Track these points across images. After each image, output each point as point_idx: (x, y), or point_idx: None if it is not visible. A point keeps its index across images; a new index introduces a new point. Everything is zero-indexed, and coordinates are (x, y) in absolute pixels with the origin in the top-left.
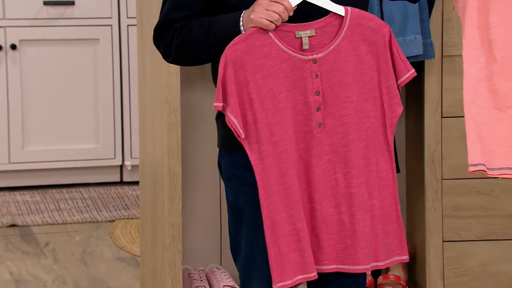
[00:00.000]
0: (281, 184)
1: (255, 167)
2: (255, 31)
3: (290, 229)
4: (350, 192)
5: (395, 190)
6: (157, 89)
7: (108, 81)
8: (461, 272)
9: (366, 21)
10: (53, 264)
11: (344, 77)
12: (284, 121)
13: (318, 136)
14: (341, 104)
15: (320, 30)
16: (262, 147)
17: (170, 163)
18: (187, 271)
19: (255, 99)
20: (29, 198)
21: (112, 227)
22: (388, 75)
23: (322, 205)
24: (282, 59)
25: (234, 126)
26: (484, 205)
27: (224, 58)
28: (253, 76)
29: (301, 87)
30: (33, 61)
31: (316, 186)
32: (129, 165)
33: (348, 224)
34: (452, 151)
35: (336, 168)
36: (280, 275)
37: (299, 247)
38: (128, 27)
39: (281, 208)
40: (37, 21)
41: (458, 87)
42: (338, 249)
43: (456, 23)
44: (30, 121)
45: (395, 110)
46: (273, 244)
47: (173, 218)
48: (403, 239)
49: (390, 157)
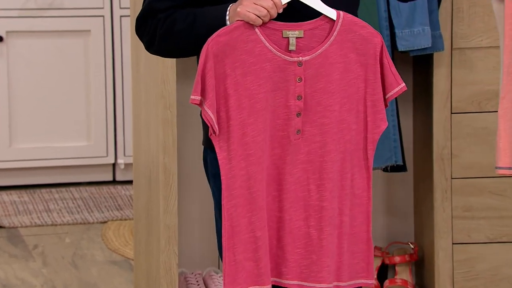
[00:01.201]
0: (246, 188)
1: (222, 167)
2: (241, 25)
3: (248, 236)
4: (322, 205)
5: (368, 210)
6: (152, 83)
7: (100, 75)
8: (472, 276)
9: (358, 28)
10: (42, 267)
11: (328, 84)
12: (259, 123)
13: (295, 143)
14: (323, 112)
15: (309, 32)
16: (232, 147)
17: (166, 161)
18: (183, 275)
19: (231, 95)
20: (17, 198)
21: (104, 228)
22: (375, 88)
23: (291, 216)
24: (266, 58)
25: (211, 121)
26: (496, 205)
27: (205, 50)
28: (232, 71)
29: (283, 89)
30: (21, 53)
31: (287, 195)
32: (122, 163)
33: (316, 239)
34: (462, 148)
35: (310, 179)
36: (232, 282)
37: (255, 256)
38: (121, 18)
39: (243, 213)
40: (25, 12)
41: (468, 81)
42: (303, 265)
43: (466, 14)
44: (18, 117)
45: (378, 125)
46: (229, 249)
47: (169, 219)
48: (370, 262)
49: (368, 175)
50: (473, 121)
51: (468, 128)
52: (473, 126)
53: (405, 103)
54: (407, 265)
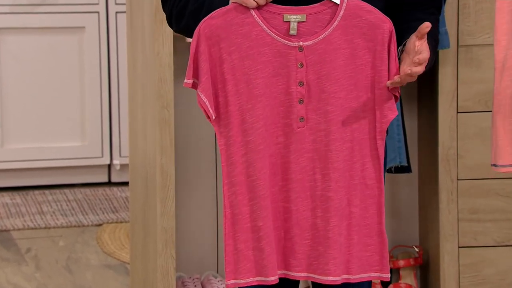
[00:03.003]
0: (246, 175)
1: (222, 153)
2: (235, 7)
3: (251, 225)
4: (327, 195)
5: (381, 201)
6: (149, 82)
7: (95, 73)
8: (479, 280)
9: (364, 13)
10: (35, 272)
11: (332, 70)
12: (257, 109)
13: (299, 131)
14: (327, 99)
15: (313, 17)
16: (231, 133)
17: (163, 162)
18: (181, 279)
19: (229, 80)
20: (9, 200)
21: (99, 231)
22: (381, 76)
23: (298, 206)
24: (264, 42)
25: (205, 106)
26: (503, 207)
27: (197, 33)
28: (229, 55)
29: (284, 75)
30: (12, 51)
31: (293, 184)
32: (118, 164)
33: (322, 231)
34: (469, 149)
35: (316, 168)
36: (234, 271)
37: (258, 246)
38: (116, 14)
39: (244, 201)
40: (16, 8)
41: (475, 79)
42: (312, 257)
43: (473, 10)
44: (10, 116)
45: (385, 115)
46: (230, 238)
47: (166, 222)
48: (385, 255)
49: (379, 165)
50: (479, 120)
51: (474, 128)
52: (480, 126)
53: (410, 102)
54: (412, 269)
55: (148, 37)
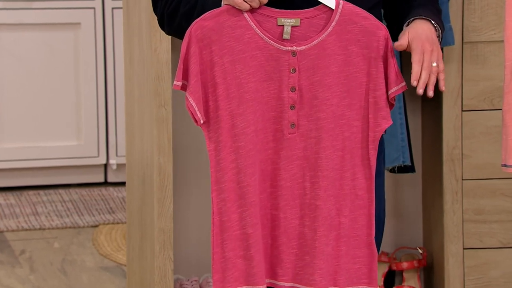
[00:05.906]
0: (236, 181)
1: (211, 159)
2: (228, 10)
3: (239, 233)
4: (316, 204)
5: (371, 212)
6: (146, 79)
7: (91, 70)
8: (484, 283)
9: (360, 19)
10: (29, 274)
11: (325, 77)
12: (248, 114)
13: (290, 137)
14: (319, 105)
15: (307, 21)
16: (221, 138)
17: (160, 161)
18: (179, 282)
19: (220, 84)
20: (3, 201)
21: (96, 233)
22: (377, 84)
23: (286, 214)
24: (257, 46)
25: (192, 109)
26: (509, 208)
27: (188, 33)
28: (220, 58)
29: (276, 80)
30: (7, 47)
31: (282, 191)
32: (114, 164)
33: (309, 240)
34: (474, 148)
35: (305, 176)
36: (222, 280)
37: (246, 255)
38: (113, 10)
39: (233, 208)
40: (11, 3)
41: (480, 77)
42: (298, 266)
43: (478, 6)
44: (4, 115)
45: (379, 124)
46: (218, 245)
47: (164, 223)
48: (374, 268)
49: (371, 175)
50: (485, 119)
51: (480, 127)
52: (485, 125)
53: (413, 101)
54: (415, 271)
55: (145, 33)
